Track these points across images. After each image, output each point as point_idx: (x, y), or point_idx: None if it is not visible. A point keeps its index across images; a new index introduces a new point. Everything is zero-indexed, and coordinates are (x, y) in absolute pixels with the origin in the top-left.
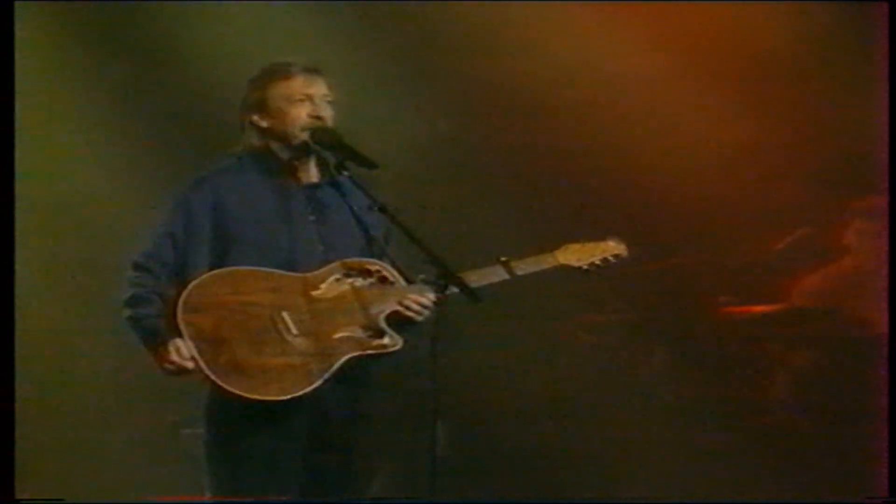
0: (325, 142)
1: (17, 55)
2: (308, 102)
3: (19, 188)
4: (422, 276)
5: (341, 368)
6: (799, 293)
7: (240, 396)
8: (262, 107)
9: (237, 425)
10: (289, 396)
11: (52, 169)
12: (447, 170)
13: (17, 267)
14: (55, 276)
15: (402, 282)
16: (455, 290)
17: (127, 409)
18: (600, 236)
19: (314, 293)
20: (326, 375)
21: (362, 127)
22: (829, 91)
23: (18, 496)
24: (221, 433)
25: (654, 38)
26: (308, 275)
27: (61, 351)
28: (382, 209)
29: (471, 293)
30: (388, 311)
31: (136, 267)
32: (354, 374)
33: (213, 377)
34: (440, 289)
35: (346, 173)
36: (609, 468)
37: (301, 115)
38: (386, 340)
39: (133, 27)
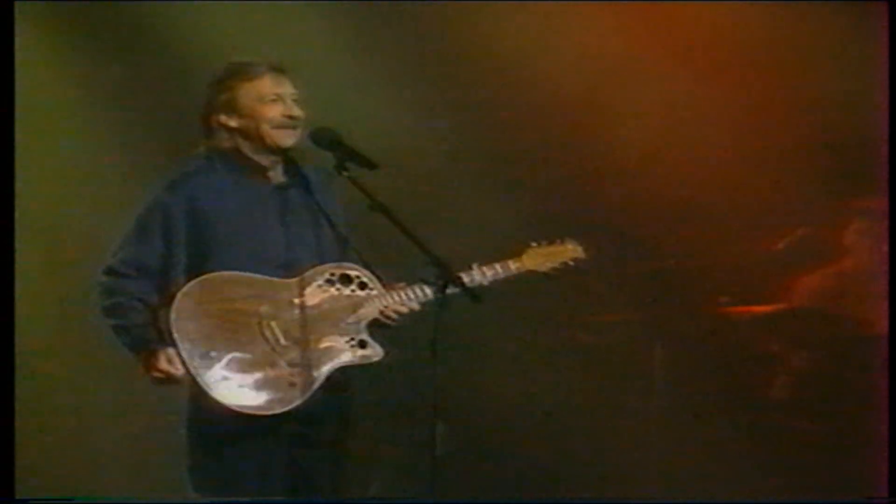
0: (325, 142)
1: (17, 55)
2: (280, 102)
3: (19, 188)
4: (402, 283)
5: (328, 376)
6: (799, 293)
7: (232, 410)
8: (231, 107)
9: (221, 428)
10: (282, 410)
11: (52, 169)
12: (447, 170)
13: (17, 267)
14: (55, 275)
15: (379, 287)
16: (455, 290)
17: (127, 409)
18: (559, 238)
19: (299, 300)
20: (316, 386)
21: (361, 127)
22: (829, 91)
23: (18, 496)
24: (204, 436)
25: (652, 38)
26: (291, 280)
27: (61, 351)
28: (383, 209)
29: (471, 293)
30: (369, 319)
31: (112, 272)
32: (342, 377)
33: (206, 390)
34: (440, 289)
35: (346, 173)
36: (609, 468)
37: (274, 114)
38: (368, 351)
39: (133, 27)
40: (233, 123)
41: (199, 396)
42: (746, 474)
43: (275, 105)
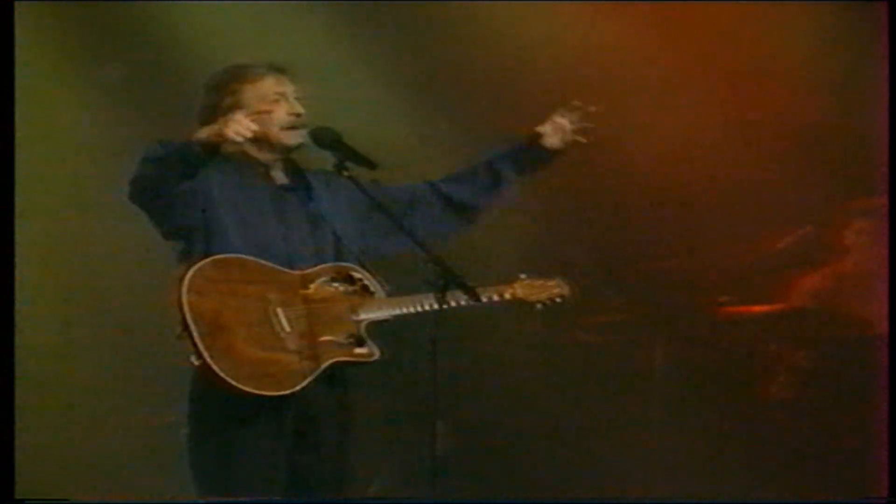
0: (325, 142)
1: (17, 55)
2: (283, 101)
3: (19, 188)
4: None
5: (326, 370)
6: (799, 293)
7: (230, 385)
8: (236, 110)
9: (220, 423)
10: (278, 393)
11: (51, 169)
12: (447, 170)
13: (17, 267)
14: (55, 275)
15: (381, 292)
16: (455, 289)
17: (127, 409)
18: (547, 275)
19: (305, 292)
20: (312, 377)
21: (362, 127)
22: (829, 91)
23: (18, 496)
24: (205, 430)
25: (654, 38)
26: (297, 274)
27: (61, 351)
28: (382, 209)
29: (471, 293)
30: (369, 320)
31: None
32: (340, 375)
33: (208, 360)
34: (440, 289)
35: (346, 173)
36: (609, 468)
37: (280, 113)
38: (365, 350)
39: (133, 27)
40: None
41: (203, 387)
42: (746, 474)
43: (279, 105)
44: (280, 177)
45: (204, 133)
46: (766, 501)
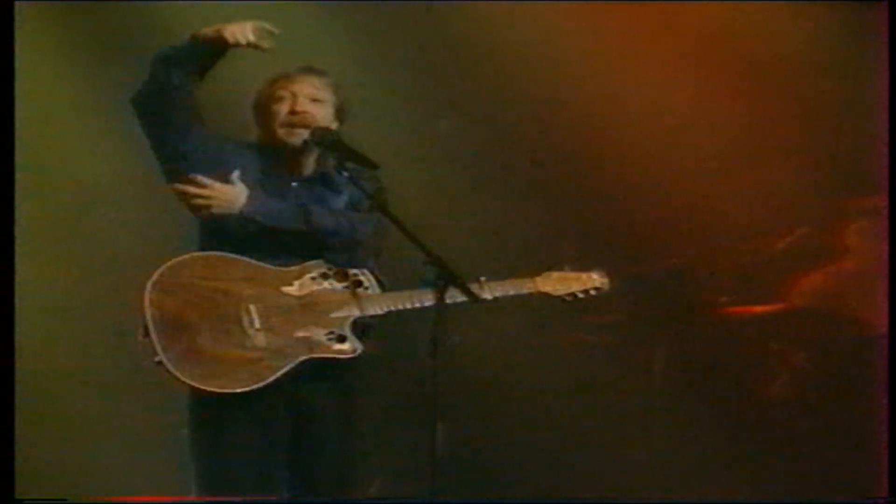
0: (325, 142)
1: (18, 55)
2: (288, 100)
3: (19, 188)
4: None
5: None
6: (799, 293)
7: (188, 385)
8: (255, 107)
9: (217, 422)
10: (236, 391)
11: (52, 169)
12: (447, 170)
13: (17, 267)
14: (55, 275)
15: (376, 288)
16: (454, 290)
17: (127, 409)
18: (584, 267)
19: (286, 289)
20: (277, 375)
21: (362, 127)
22: (829, 91)
23: (18, 496)
24: (202, 429)
25: (654, 38)
26: (285, 269)
27: (61, 351)
28: (382, 209)
29: (470, 293)
30: (354, 317)
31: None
32: (341, 374)
33: (164, 361)
34: (439, 288)
35: (345, 174)
36: (608, 468)
37: (281, 111)
38: (345, 346)
39: (133, 27)
40: (258, 122)
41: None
42: (746, 474)
43: (282, 103)
44: (303, 169)
45: (207, 30)
46: (766, 501)
